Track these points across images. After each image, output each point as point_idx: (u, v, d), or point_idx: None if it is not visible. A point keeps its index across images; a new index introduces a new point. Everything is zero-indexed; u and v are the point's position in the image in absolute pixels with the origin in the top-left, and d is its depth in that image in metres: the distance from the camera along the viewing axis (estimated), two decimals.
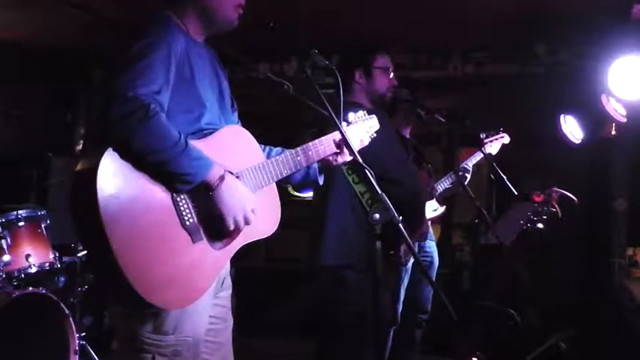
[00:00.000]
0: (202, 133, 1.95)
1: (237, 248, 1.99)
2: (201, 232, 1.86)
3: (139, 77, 1.76)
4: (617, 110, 3.59)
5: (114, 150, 1.72)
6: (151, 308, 1.79)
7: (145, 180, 1.77)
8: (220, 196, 1.85)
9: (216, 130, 1.99)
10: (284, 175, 2.12)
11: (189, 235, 1.82)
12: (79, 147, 6.03)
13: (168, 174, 1.78)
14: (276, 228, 2.12)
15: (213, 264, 1.91)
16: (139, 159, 1.74)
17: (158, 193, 1.79)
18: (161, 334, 1.87)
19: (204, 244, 1.86)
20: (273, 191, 2.14)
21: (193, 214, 1.84)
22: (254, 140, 2.13)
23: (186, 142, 1.79)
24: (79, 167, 1.76)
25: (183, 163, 1.77)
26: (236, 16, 2.07)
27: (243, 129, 2.14)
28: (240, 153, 2.05)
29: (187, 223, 1.82)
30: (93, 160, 1.71)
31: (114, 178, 1.71)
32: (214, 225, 1.88)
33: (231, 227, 1.89)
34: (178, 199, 1.81)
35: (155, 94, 1.78)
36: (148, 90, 1.76)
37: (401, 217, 2.00)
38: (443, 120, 3.59)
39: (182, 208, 1.82)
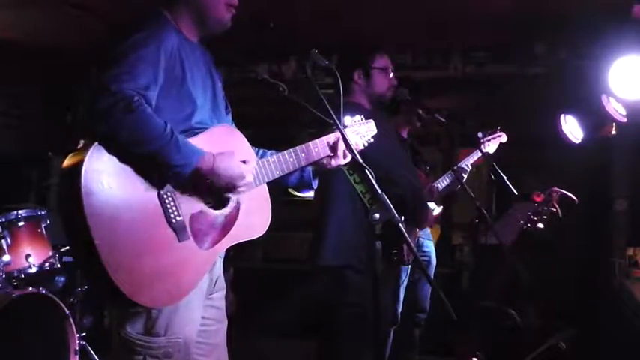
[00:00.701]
0: (193, 132, 1.92)
1: (225, 248, 1.97)
2: (188, 231, 1.83)
3: (125, 72, 1.75)
4: (617, 110, 3.59)
5: (101, 144, 1.71)
6: (135, 306, 1.77)
7: (131, 176, 1.75)
8: (219, 175, 1.84)
9: (207, 129, 1.96)
10: (275, 176, 2.08)
11: (175, 233, 1.80)
12: (79, 147, 6.01)
13: (157, 166, 1.75)
14: (265, 230, 2.08)
15: (200, 264, 1.89)
16: (126, 152, 1.73)
17: (144, 190, 1.76)
18: (152, 335, 1.86)
19: (190, 243, 1.83)
20: (263, 193, 2.10)
21: (180, 212, 1.81)
22: (246, 141, 2.10)
23: (172, 132, 1.76)
24: (65, 163, 1.75)
25: (171, 154, 1.75)
26: (228, 16, 2.05)
27: (236, 129, 2.12)
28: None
29: (173, 221, 1.79)
30: (79, 156, 1.70)
31: (99, 173, 1.69)
32: (222, 195, 1.89)
33: (242, 188, 1.90)
34: (165, 196, 1.79)
35: (142, 88, 1.77)
36: (135, 84, 1.75)
37: (403, 218, 2.00)
38: (442, 120, 3.58)
39: (168, 206, 1.79)
